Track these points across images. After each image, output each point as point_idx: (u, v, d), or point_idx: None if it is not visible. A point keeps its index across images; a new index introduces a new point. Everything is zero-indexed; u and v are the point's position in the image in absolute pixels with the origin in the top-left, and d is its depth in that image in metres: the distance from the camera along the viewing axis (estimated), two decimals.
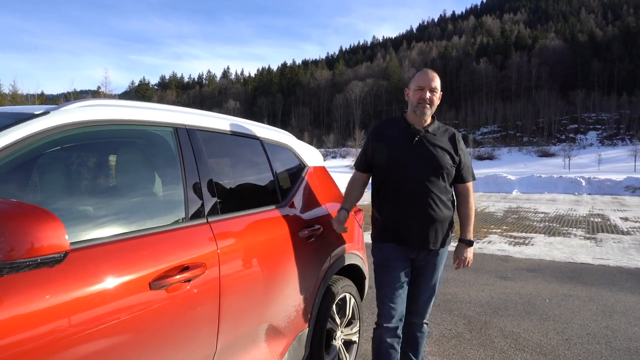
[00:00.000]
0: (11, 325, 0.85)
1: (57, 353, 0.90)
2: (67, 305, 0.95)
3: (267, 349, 1.64)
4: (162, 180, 1.43)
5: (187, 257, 1.27)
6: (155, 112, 1.44)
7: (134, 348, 1.08)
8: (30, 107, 1.24)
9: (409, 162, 1.92)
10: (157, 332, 1.15)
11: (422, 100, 1.93)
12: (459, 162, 2.01)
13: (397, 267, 1.97)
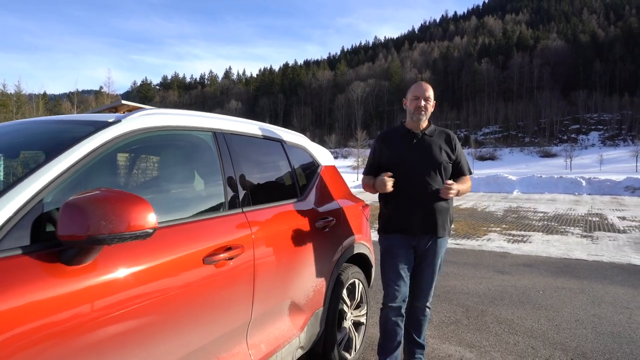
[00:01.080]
0: (120, 279, 1.15)
1: (145, 299, 1.20)
2: (153, 268, 1.24)
3: (290, 322, 1.90)
4: (207, 175, 1.70)
5: (229, 239, 1.54)
6: (198, 119, 1.71)
7: (192, 309, 1.35)
8: (102, 115, 1.50)
9: (410, 160, 2.20)
10: (209, 299, 1.42)
11: (418, 108, 2.22)
12: (455, 159, 2.29)
13: (400, 253, 2.21)
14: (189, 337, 1.35)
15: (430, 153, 2.22)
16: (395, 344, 2.24)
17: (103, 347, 1.09)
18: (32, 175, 1.09)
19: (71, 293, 1.04)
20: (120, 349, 1.13)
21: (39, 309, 0.97)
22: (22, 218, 1.03)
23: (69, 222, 0.99)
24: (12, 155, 1.52)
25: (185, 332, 1.33)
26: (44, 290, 0.99)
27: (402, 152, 2.24)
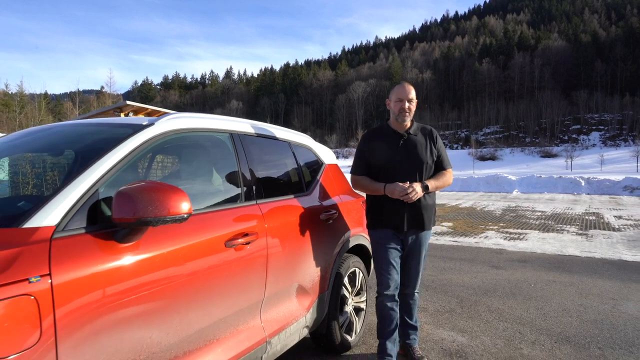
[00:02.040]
0: (171, 249, 1.41)
1: (179, 273, 1.43)
2: (185, 248, 1.48)
3: (297, 303, 2.13)
4: (225, 171, 1.92)
5: (246, 227, 1.77)
6: (217, 121, 1.94)
7: (216, 284, 1.57)
8: (136, 118, 1.73)
9: (398, 160, 2.32)
10: (229, 277, 1.64)
11: (402, 110, 2.33)
12: (437, 154, 2.42)
13: (391, 245, 2.36)
14: (213, 309, 1.57)
15: (416, 153, 2.34)
16: (392, 327, 2.41)
17: (146, 312, 1.31)
18: (88, 169, 1.32)
19: (123, 266, 1.26)
20: (160, 313, 1.36)
21: (98, 279, 1.19)
22: (84, 204, 1.25)
23: (122, 207, 1.21)
24: (59, 154, 1.75)
25: (210, 304, 1.56)
26: (102, 263, 1.21)
27: (390, 153, 2.33)
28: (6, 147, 1.81)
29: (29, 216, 1.15)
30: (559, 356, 2.63)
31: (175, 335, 1.41)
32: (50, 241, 1.13)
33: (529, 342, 2.85)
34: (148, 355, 1.32)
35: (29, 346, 1.01)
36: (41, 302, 1.05)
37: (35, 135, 1.83)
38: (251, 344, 1.76)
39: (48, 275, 1.08)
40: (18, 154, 1.78)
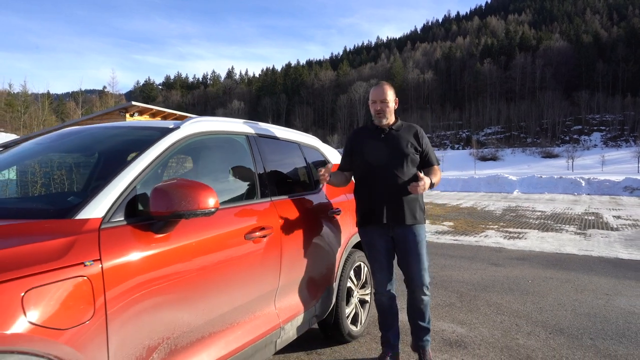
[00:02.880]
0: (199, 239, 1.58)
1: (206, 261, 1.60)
2: (211, 239, 1.64)
3: (308, 293, 2.29)
4: (243, 170, 2.09)
5: (263, 221, 1.93)
6: (234, 124, 2.10)
7: (237, 273, 1.73)
8: (163, 122, 1.89)
9: (378, 154, 2.35)
10: (248, 267, 1.80)
11: (377, 112, 2.40)
12: (422, 151, 2.40)
13: (379, 245, 2.39)
14: (233, 295, 1.73)
15: (396, 147, 2.34)
16: (391, 319, 2.47)
17: (177, 295, 1.47)
18: (126, 168, 1.48)
19: (158, 254, 1.42)
20: (188, 297, 1.52)
21: (138, 265, 1.35)
22: (124, 199, 1.41)
23: (159, 202, 1.37)
24: (99, 154, 1.92)
25: (231, 291, 1.72)
26: (141, 251, 1.37)
27: (371, 147, 2.38)
28: (49, 148, 1.97)
29: (79, 209, 1.31)
30: (552, 346, 2.79)
31: (201, 317, 1.57)
32: (99, 231, 1.29)
33: (524, 333, 3.00)
34: (179, 334, 1.48)
35: (84, 321, 1.17)
36: (94, 283, 1.21)
37: (74, 137, 2.00)
38: (267, 329, 1.92)
39: (99, 260, 1.24)
40: (62, 154, 1.95)
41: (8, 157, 1.96)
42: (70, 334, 1.12)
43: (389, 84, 2.47)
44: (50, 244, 1.16)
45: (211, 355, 1.61)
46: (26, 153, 1.98)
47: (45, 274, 1.10)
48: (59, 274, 1.13)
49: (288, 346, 2.72)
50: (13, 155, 1.98)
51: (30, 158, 1.97)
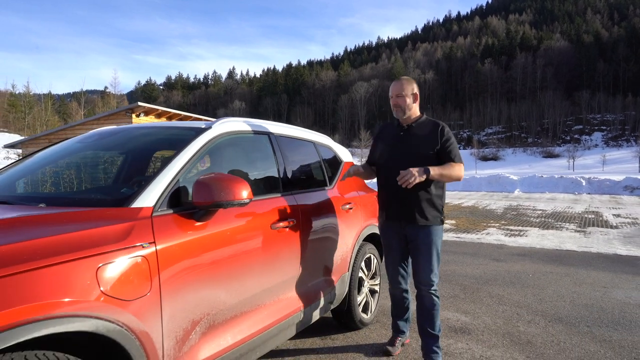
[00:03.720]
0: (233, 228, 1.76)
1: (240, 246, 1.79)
2: (244, 226, 1.83)
3: (324, 281, 2.47)
4: (267, 166, 2.27)
5: (287, 212, 2.11)
6: (258, 124, 2.29)
7: (264, 259, 1.91)
8: (196, 122, 2.07)
9: (395, 151, 2.38)
10: (273, 254, 1.98)
11: (393, 106, 2.42)
12: (440, 148, 2.30)
13: (393, 244, 2.47)
14: (261, 279, 1.91)
15: (411, 145, 2.34)
16: (403, 309, 2.62)
17: (215, 276, 1.65)
18: (170, 163, 1.66)
19: (199, 239, 1.60)
20: (224, 278, 1.70)
21: (184, 248, 1.53)
22: (169, 191, 1.59)
23: (201, 193, 1.56)
24: (143, 151, 2.11)
25: (260, 275, 1.90)
26: (186, 236, 1.56)
27: (388, 145, 2.43)
28: (95, 146, 2.16)
29: (134, 199, 1.49)
30: (551, 332, 2.96)
31: (235, 297, 1.75)
32: (151, 218, 1.47)
33: (525, 321, 3.18)
34: (217, 311, 1.66)
35: (144, 294, 1.35)
36: (150, 262, 1.39)
37: (116, 136, 2.19)
38: (289, 312, 2.10)
39: (153, 243, 1.42)
40: (110, 152, 2.13)
41: (54, 154, 2.15)
42: (134, 305, 1.30)
43: (410, 78, 2.45)
44: (114, 227, 1.35)
45: (243, 332, 1.79)
46: (72, 151, 2.17)
47: (113, 252, 1.28)
48: (124, 253, 1.31)
49: (304, 332, 2.91)
50: (59, 153, 2.16)
51: (78, 155, 2.16)
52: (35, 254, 1.12)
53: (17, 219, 1.32)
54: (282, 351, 2.62)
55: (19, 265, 1.07)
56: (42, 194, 1.89)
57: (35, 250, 1.13)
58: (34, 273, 1.09)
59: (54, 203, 1.56)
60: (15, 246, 1.11)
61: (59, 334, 1.11)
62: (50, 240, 1.18)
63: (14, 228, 1.25)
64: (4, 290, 1.03)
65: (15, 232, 1.21)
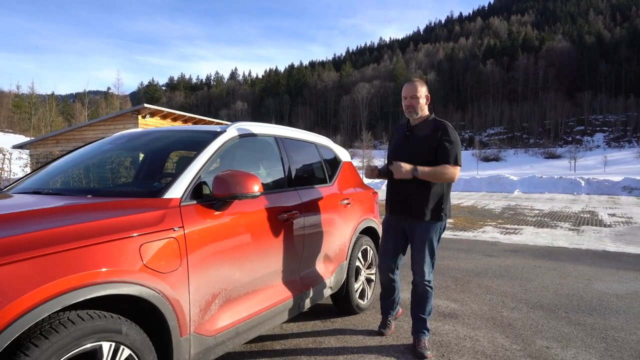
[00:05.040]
0: (245, 217, 2.04)
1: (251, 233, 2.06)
2: (254, 215, 2.12)
3: (324, 267, 2.76)
4: (274, 165, 2.56)
5: (290, 206, 2.41)
6: (266, 128, 2.59)
7: (272, 245, 2.21)
8: (212, 126, 2.37)
9: (400, 150, 2.56)
10: (280, 242, 2.27)
11: (407, 107, 2.55)
12: (440, 149, 2.43)
13: (390, 233, 2.67)
14: (270, 262, 2.21)
15: (414, 145, 2.51)
16: (390, 292, 2.80)
17: (231, 257, 1.94)
18: (193, 162, 1.96)
19: (218, 225, 1.90)
20: (238, 259, 1.99)
21: (206, 232, 1.82)
22: (193, 185, 1.89)
23: (220, 186, 1.85)
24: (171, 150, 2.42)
25: (269, 258, 2.19)
26: (207, 223, 1.85)
27: (396, 145, 2.63)
28: (125, 147, 2.47)
29: (165, 190, 1.79)
30: (532, 317, 3.24)
31: (247, 276, 2.04)
32: (180, 207, 1.77)
33: (509, 308, 3.46)
34: (233, 287, 1.96)
35: (175, 269, 1.64)
36: (180, 243, 1.68)
37: (144, 138, 2.50)
38: (294, 292, 2.39)
39: (182, 228, 1.71)
40: (137, 152, 2.44)
41: (89, 153, 2.46)
42: (168, 277, 1.60)
43: (421, 80, 2.59)
44: (151, 214, 1.64)
45: (254, 307, 2.08)
46: (104, 151, 2.48)
47: (152, 234, 1.58)
48: (160, 234, 1.61)
49: (306, 316, 3.20)
50: (92, 153, 2.47)
51: (110, 154, 2.46)
52: (97, 232, 1.42)
53: (75, 206, 1.62)
54: (285, 332, 2.91)
55: (85, 240, 1.37)
56: (86, 188, 2.19)
57: (97, 229, 1.43)
58: (97, 247, 1.39)
59: (98, 194, 1.86)
60: (80, 226, 1.41)
61: (107, 298, 1.40)
62: (106, 222, 1.48)
63: (76, 213, 1.54)
64: (74, 259, 1.32)
65: (77, 215, 1.51)
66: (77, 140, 15.39)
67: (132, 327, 1.47)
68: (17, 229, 1.31)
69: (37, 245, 1.26)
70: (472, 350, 2.62)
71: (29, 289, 1.20)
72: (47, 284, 1.23)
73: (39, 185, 2.16)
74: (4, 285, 1.16)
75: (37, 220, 1.41)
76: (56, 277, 1.25)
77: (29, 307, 1.18)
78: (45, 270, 1.25)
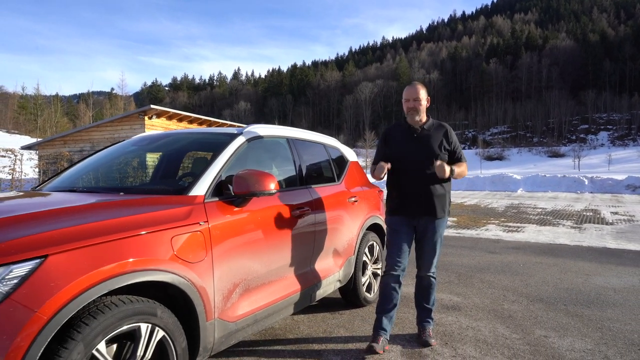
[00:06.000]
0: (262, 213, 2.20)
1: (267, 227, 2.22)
2: (271, 210, 2.27)
3: (333, 262, 2.92)
4: (287, 164, 2.72)
5: (302, 202, 2.57)
6: (278, 130, 2.75)
7: (287, 239, 2.37)
8: (228, 129, 2.53)
9: (411, 152, 2.58)
10: (294, 236, 2.43)
11: (409, 109, 2.59)
12: (452, 149, 2.61)
13: (402, 231, 2.61)
14: (284, 255, 2.37)
15: (428, 145, 2.56)
16: (390, 305, 2.63)
17: (249, 249, 2.10)
18: (215, 162, 2.12)
19: (238, 220, 2.06)
20: (255, 251, 2.15)
21: (227, 227, 1.98)
22: (215, 183, 2.05)
23: (240, 184, 2.01)
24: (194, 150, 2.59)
25: (282, 251, 2.35)
26: (228, 218, 2.01)
27: (404, 146, 2.60)
28: (149, 148, 2.64)
29: (190, 188, 1.95)
30: (531, 309, 3.39)
31: (264, 267, 2.21)
32: (204, 203, 1.93)
33: (510, 301, 3.61)
34: (252, 278, 2.12)
35: (202, 259, 1.81)
36: (205, 236, 1.85)
37: (165, 140, 2.67)
38: (306, 284, 2.55)
39: (207, 222, 1.88)
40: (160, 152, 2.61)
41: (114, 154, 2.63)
42: (196, 266, 1.76)
43: (422, 83, 2.67)
44: (180, 209, 1.81)
45: (270, 297, 2.24)
46: (130, 152, 2.65)
47: (182, 227, 1.74)
48: (188, 228, 1.77)
49: (316, 308, 3.36)
50: (117, 153, 2.64)
51: (135, 155, 2.63)
52: (135, 225, 1.58)
53: (113, 203, 1.79)
54: (297, 323, 3.07)
55: (126, 232, 1.54)
56: (117, 186, 2.36)
57: (135, 222, 1.59)
58: (136, 238, 1.55)
59: (129, 192, 2.03)
60: (121, 220, 1.58)
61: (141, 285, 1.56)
62: (142, 217, 1.65)
63: (115, 208, 1.71)
64: (118, 249, 1.49)
65: (116, 210, 1.67)
66: (84, 141, 15.63)
67: (165, 311, 1.63)
68: (68, 222, 1.47)
69: (87, 236, 1.43)
70: (474, 339, 2.77)
71: (81, 273, 1.36)
72: (96, 270, 1.40)
73: (72, 184, 2.33)
74: (63, 269, 1.33)
75: (82, 215, 1.58)
76: (104, 264, 1.42)
77: (82, 289, 1.35)
78: (95, 258, 1.41)
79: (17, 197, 2.04)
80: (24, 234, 1.35)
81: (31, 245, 1.31)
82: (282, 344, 2.69)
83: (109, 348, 1.49)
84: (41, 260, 1.31)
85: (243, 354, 2.53)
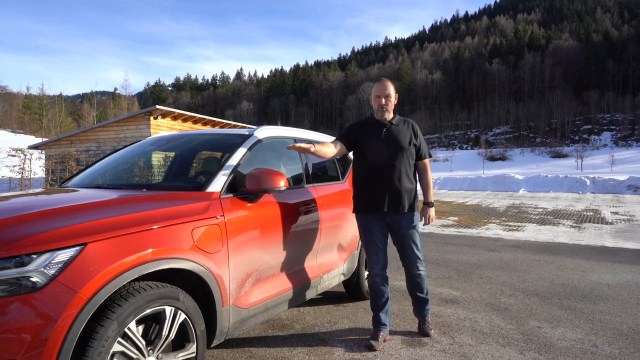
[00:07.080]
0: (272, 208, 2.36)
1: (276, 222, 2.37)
2: (279, 205, 2.43)
3: (337, 256, 3.09)
4: (294, 163, 2.89)
5: (308, 199, 2.73)
6: (286, 130, 2.91)
7: (295, 233, 2.53)
8: (240, 130, 2.70)
9: (380, 147, 2.59)
10: (300, 230, 2.60)
11: (380, 106, 2.61)
12: (417, 145, 2.67)
13: (375, 229, 2.62)
14: (292, 247, 2.53)
15: (397, 140, 2.61)
16: (383, 300, 2.69)
17: (260, 242, 2.27)
18: (229, 160, 2.29)
19: (250, 215, 2.22)
20: (266, 244, 2.31)
21: (241, 221, 2.15)
22: (230, 180, 2.22)
23: (252, 182, 2.17)
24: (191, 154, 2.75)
25: (290, 245, 2.51)
26: (242, 213, 2.18)
27: (374, 141, 2.61)
28: (167, 148, 2.82)
29: (207, 185, 2.12)
30: (527, 303, 3.54)
31: (274, 259, 2.37)
32: (220, 199, 2.10)
33: (507, 296, 3.76)
34: (263, 268, 2.28)
35: (219, 250, 1.97)
36: (221, 229, 2.01)
37: (181, 140, 2.84)
38: (312, 276, 2.72)
39: (223, 216, 2.04)
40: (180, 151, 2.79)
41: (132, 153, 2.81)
42: (213, 256, 1.93)
43: (390, 79, 2.70)
44: (199, 204, 1.98)
45: (278, 287, 2.41)
46: (148, 152, 2.82)
47: (201, 220, 1.91)
48: (207, 221, 1.94)
49: (321, 301, 3.53)
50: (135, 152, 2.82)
51: (153, 154, 2.81)
52: (161, 217, 1.75)
53: (139, 197, 1.96)
54: (303, 314, 3.24)
55: (153, 224, 1.70)
56: (140, 183, 2.54)
57: (160, 215, 1.77)
58: (162, 229, 1.72)
59: (151, 188, 2.20)
60: (148, 212, 1.75)
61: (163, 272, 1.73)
62: (166, 210, 1.82)
63: (141, 202, 1.88)
64: (146, 238, 1.66)
65: (142, 205, 1.84)
66: (90, 141, 15.85)
67: (186, 296, 1.80)
68: (102, 214, 1.65)
69: (120, 226, 1.60)
70: (471, 329, 2.93)
71: (115, 260, 1.53)
72: (128, 257, 1.57)
73: (94, 181, 2.51)
74: (100, 256, 1.49)
75: (113, 208, 1.75)
76: (135, 252, 1.59)
77: (116, 274, 1.52)
78: (127, 246, 1.58)
79: (51, 193, 2.21)
80: (66, 224, 1.52)
81: (72, 234, 1.48)
82: (290, 333, 2.86)
83: (138, 328, 1.65)
84: (81, 247, 1.48)
85: (253, 342, 2.70)
